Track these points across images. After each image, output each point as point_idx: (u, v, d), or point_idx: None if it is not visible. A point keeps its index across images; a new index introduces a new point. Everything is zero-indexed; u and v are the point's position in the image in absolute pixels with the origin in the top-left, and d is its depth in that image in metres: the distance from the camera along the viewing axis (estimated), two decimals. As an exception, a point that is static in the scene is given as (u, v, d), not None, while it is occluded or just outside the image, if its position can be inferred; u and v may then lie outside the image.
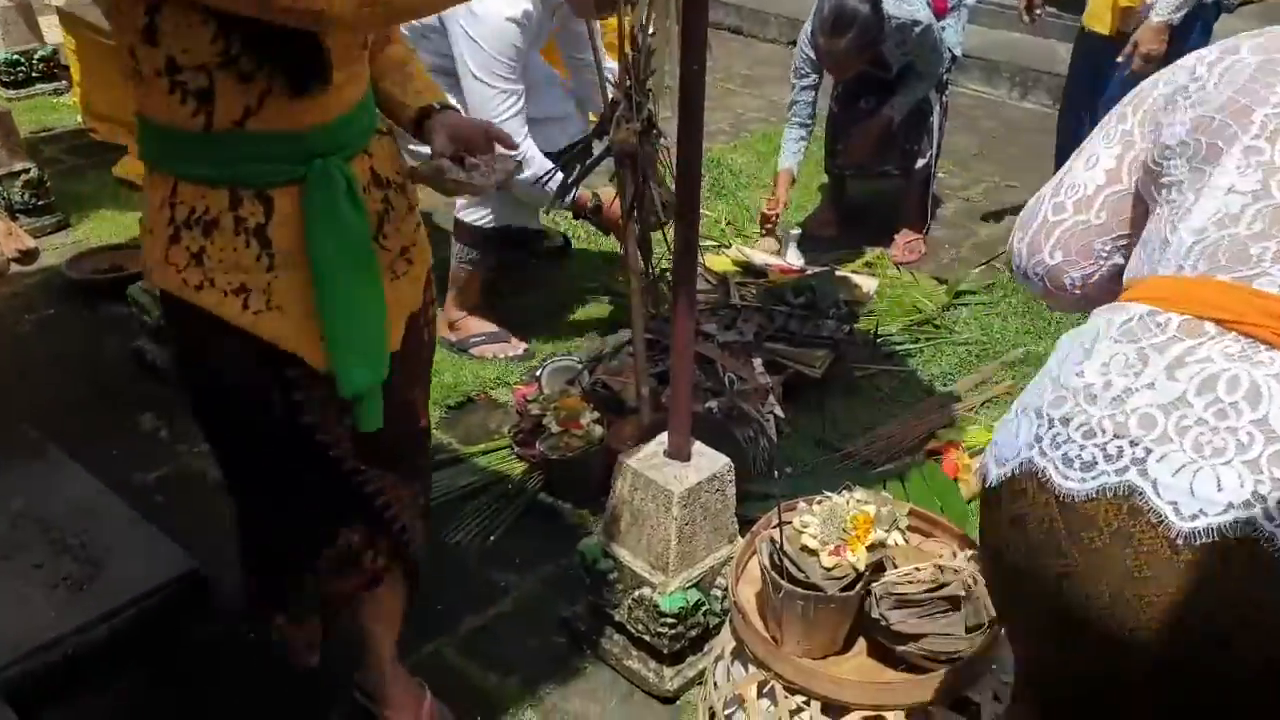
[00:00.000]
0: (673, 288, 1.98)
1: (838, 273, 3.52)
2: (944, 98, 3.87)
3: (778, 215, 3.78)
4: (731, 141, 4.88)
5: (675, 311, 1.94)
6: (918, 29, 3.48)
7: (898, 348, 3.30)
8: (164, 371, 3.10)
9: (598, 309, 3.52)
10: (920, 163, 3.84)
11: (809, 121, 3.79)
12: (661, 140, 2.30)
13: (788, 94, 3.82)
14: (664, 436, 2.05)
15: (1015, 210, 4.18)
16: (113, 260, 3.69)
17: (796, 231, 3.81)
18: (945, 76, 3.82)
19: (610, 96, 2.32)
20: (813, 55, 3.60)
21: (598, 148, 2.40)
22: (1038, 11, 3.80)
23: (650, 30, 2.28)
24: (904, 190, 3.94)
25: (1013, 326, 3.44)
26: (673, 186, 2.00)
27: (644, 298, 2.56)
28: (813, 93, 3.73)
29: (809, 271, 3.48)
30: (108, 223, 4.07)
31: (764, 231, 3.82)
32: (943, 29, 3.62)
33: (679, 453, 2.01)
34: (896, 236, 3.93)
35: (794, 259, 3.69)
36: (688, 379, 1.99)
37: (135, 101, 1.42)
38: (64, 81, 5.22)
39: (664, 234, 2.22)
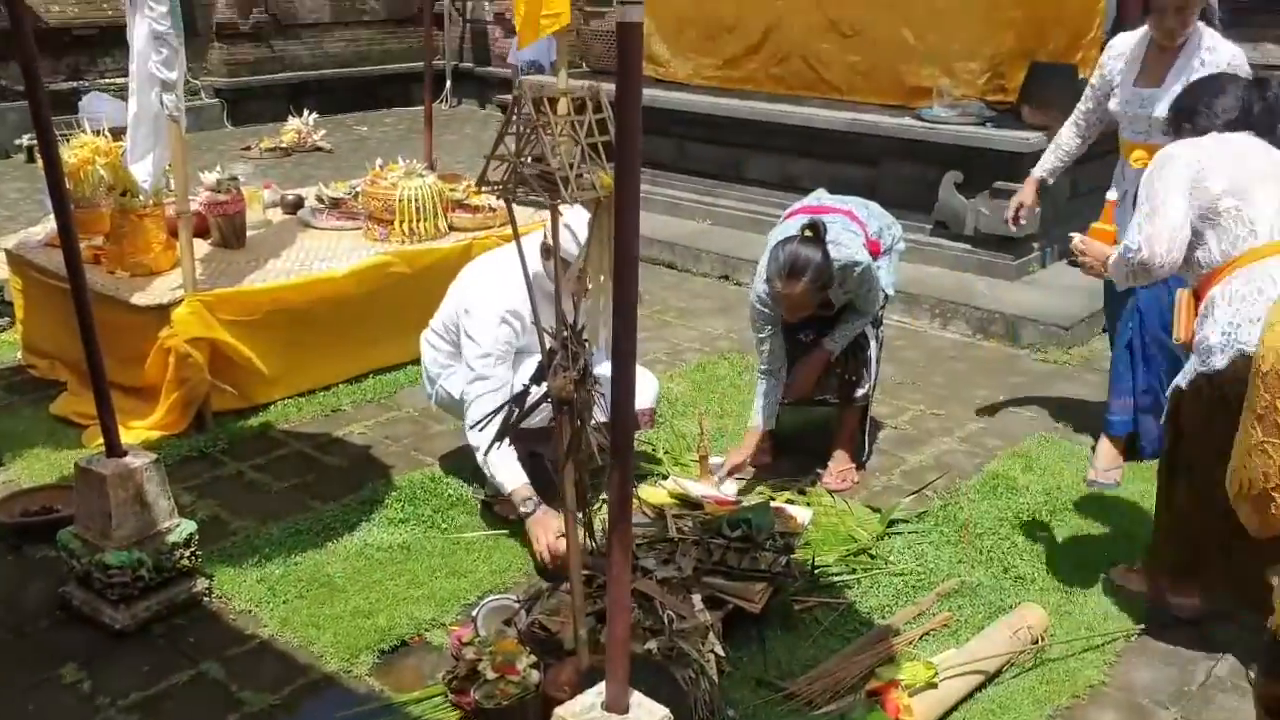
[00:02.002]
0: (608, 530, 2.02)
1: (773, 503, 3.58)
2: (879, 332, 4.06)
3: (743, 464, 3.86)
4: (668, 371, 5.01)
5: (610, 557, 1.97)
6: (858, 269, 3.67)
7: (835, 579, 3.33)
8: (90, 618, 3.02)
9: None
10: (859, 393, 3.99)
11: (780, 365, 3.89)
12: (597, 386, 2.40)
13: (749, 330, 3.99)
14: (602, 686, 2.03)
15: (943, 437, 4.34)
16: (45, 501, 3.64)
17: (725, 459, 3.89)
18: (880, 313, 4.03)
19: (548, 346, 2.42)
20: (766, 309, 3.76)
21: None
22: (1022, 221, 4.23)
23: (587, 287, 2.41)
24: (839, 419, 4.07)
25: (945, 555, 3.49)
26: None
27: (580, 537, 2.59)
28: (775, 339, 3.86)
29: (744, 503, 3.53)
30: (41, 461, 4.04)
31: (708, 470, 3.87)
32: (878, 268, 3.84)
33: (616, 704, 1.99)
34: (830, 464, 4.02)
35: (729, 490, 3.75)
36: (625, 625, 1.99)
37: None
38: (6, 318, 5.27)
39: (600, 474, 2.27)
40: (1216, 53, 3.69)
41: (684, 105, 7.07)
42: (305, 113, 10.21)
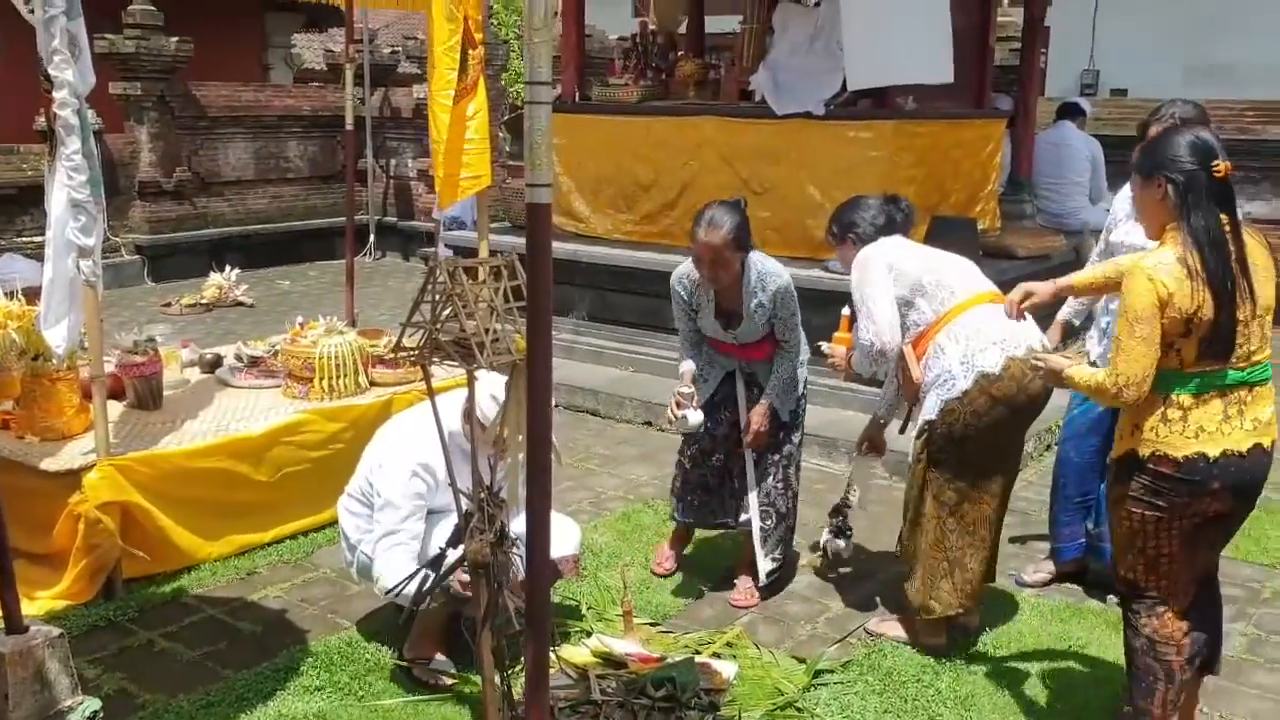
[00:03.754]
0: (525, 697, 2.00)
1: (698, 658, 3.56)
2: (798, 451, 4.29)
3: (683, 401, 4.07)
4: (592, 521, 5.01)
5: (528, 728, 1.95)
6: (779, 281, 3.97)
7: (761, 734, 3.30)
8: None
9: (453, 712, 3.43)
10: (781, 503, 4.21)
11: (695, 351, 4.21)
12: (516, 548, 2.40)
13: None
14: None
15: (865, 581, 4.37)
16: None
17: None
18: (796, 447, 4.25)
19: (464, 508, 2.43)
20: (684, 293, 4.11)
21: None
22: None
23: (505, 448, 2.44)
24: (745, 538, 4.26)
25: (872, 706, 3.48)
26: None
27: (499, 706, 2.56)
28: (693, 322, 4.17)
29: (668, 660, 3.51)
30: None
31: None
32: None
33: None
34: (738, 581, 4.21)
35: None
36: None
37: None
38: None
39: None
40: None
41: (605, 259, 7.26)
42: (227, 268, 10.23)
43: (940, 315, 3.68)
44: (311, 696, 3.50)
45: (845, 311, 3.98)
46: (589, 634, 3.80)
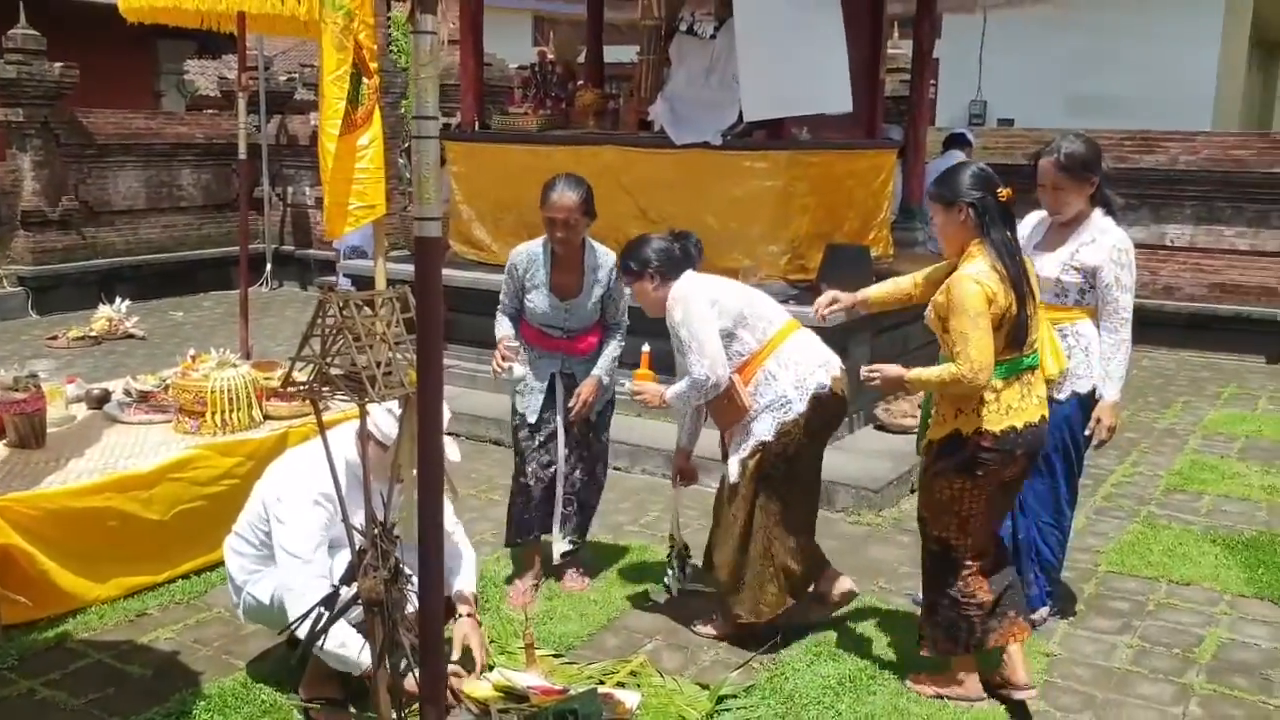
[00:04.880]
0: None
1: (601, 688, 3.55)
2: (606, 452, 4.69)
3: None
4: (495, 553, 4.97)
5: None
6: (612, 259, 4.34)
7: (664, 763, 3.30)
8: None
9: (356, 748, 3.37)
10: (585, 493, 4.57)
11: (516, 319, 4.51)
12: (410, 587, 2.37)
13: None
14: None
15: (767, 607, 4.40)
16: None
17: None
18: (605, 448, 4.68)
19: (358, 545, 2.40)
20: (516, 268, 4.43)
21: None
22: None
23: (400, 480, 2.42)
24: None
25: (773, 729, 3.52)
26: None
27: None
28: (518, 302, 4.47)
29: (571, 691, 3.49)
30: None
31: None
32: None
33: None
34: (566, 575, 4.59)
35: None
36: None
37: None
38: None
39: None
40: (1108, 234, 4.04)
41: (505, 287, 7.23)
42: (118, 300, 9.93)
43: (764, 344, 3.94)
44: (204, 742, 3.40)
45: (645, 349, 4.11)
46: (491, 668, 3.76)
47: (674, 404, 4.00)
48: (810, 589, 4.16)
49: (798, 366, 3.91)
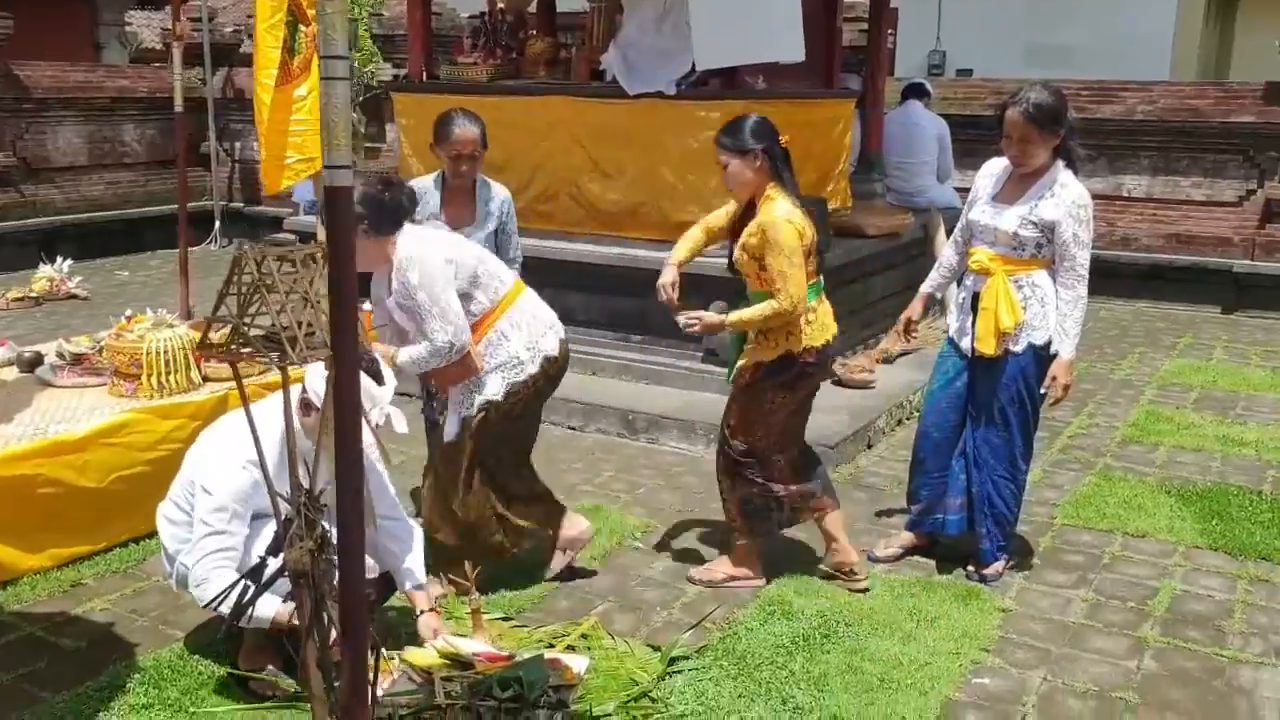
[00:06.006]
0: (340, 708, 1.88)
1: (548, 653, 3.47)
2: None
3: None
4: (445, 515, 4.86)
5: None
6: (504, 193, 4.58)
7: (614, 728, 3.23)
8: None
9: (293, 721, 3.27)
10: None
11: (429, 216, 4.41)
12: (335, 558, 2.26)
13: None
14: None
15: (710, 550, 4.35)
16: None
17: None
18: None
19: (284, 514, 2.28)
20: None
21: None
22: (915, 336, 4.60)
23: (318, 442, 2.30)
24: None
25: (726, 691, 3.46)
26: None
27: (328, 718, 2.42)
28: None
29: (518, 658, 3.40)
30: None
31: None
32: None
33: None
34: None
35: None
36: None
37: None
38: None
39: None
40: (1068, 189, 3.97)
41: (456, 243, 7.06)
42: (59, 259, 9.64)
43: (496, 303, 3.91)
44: (138, 716, 3.29)
45: (366, 307, 3.97)
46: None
47: (407, 369, 3.81)
48: (550, 534, 4.20)
49: (529, 327, 3.94)
